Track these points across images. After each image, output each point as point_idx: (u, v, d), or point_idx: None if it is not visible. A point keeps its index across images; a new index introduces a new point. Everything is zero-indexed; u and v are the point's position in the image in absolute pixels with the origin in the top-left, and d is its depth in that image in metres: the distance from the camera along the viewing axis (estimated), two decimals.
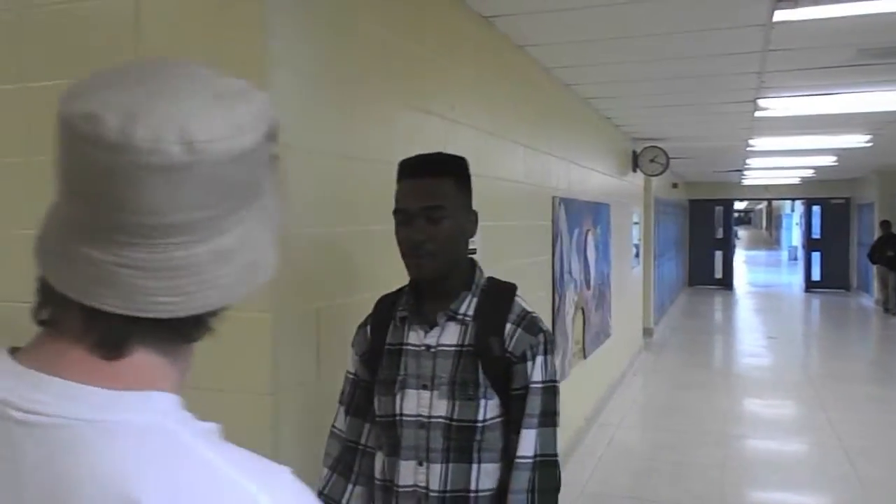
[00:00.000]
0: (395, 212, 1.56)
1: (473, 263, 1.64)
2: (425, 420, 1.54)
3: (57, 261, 0.60)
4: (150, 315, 0.59)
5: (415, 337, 1.58)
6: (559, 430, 1.59)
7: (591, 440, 5.53)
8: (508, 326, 1.54)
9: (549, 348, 1.56)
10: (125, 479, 0.54)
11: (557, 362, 4.81)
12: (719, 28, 3.55)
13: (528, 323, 1.56)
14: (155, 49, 1.86)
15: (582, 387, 5.49)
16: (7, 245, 2.06)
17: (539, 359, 1.54)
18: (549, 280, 4.51)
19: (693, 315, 13.37)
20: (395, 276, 2.48)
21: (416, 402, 1.55)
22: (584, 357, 5.48)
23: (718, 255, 17.50)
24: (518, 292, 1.63)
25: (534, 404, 1.52)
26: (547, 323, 4.41)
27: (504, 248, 3.58)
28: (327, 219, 2.03)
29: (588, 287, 5.54)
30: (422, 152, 1.66)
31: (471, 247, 3.13)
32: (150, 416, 0.59)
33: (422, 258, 1.52)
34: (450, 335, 1.55)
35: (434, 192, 1.52)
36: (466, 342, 1.54)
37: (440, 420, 1.53)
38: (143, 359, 0.61)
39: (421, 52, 2.64)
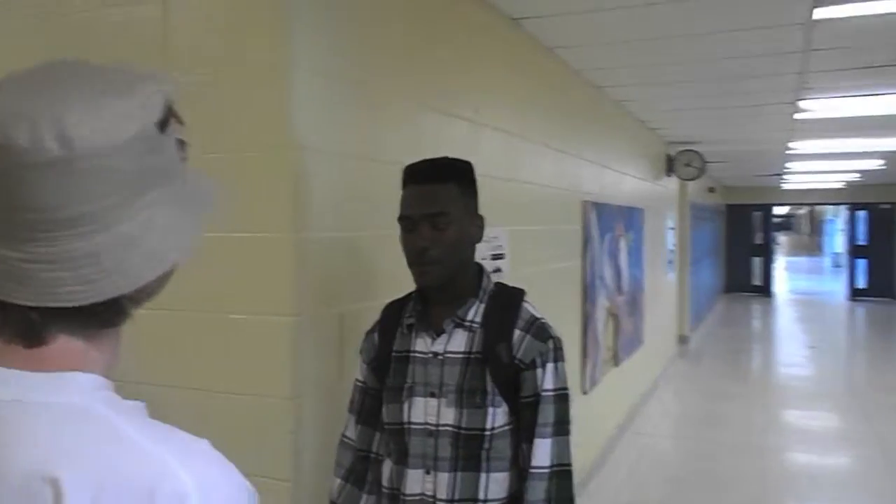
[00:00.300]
0: (400, 219, 1.55)
1: (481, 269, 1.62)
2: (433, 428, 1.52)
3: None
4: (61, 304, 0.61)
5: (422, 344, 1.57)
6: (572, 439, 1.55)
7: (624, 449, 5.43)
8: (517, 333, 1.52)
9: (559, 355, 1.54)
10: (46, 458, 0.57)
11: (588, 370, 4.72)
12: (757, 27, 3.46)
13: (537, 329, 1.53)
14: (182, 54, 1.86)
15: (614, 395, 5.40)
16: None
17: (549, 366, 1.51)
18: (579, 286, 4.44)
19: (730, 323, 13.11)
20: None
21: (424, 410, 1.54)
22: (616, 364, 5.39)
23: (757, 261, 17.16)
24: (526, 297, 1.60)
25: (547, 413, 1.49)
26: (577, 330, 4.40)
27: (532, 253, 3.53)
28: (350, 222, 2.01)
29: (620, 293, 5.45)
30: (446, 155, 1.64)
31: (498, 252, 3.13)
32: (71, 396, 0.62)
33: (426, 265, 1.50)
34: (457, 342, 1.54)
35: (437, 198, 1.51)
36: (474, 349, 1.52)
37: (448, 428, 1.51)
38: (65, 344, 0.64)
39: (446, 53, 2.62)
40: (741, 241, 17.04)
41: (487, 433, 1.49)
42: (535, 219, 3.61)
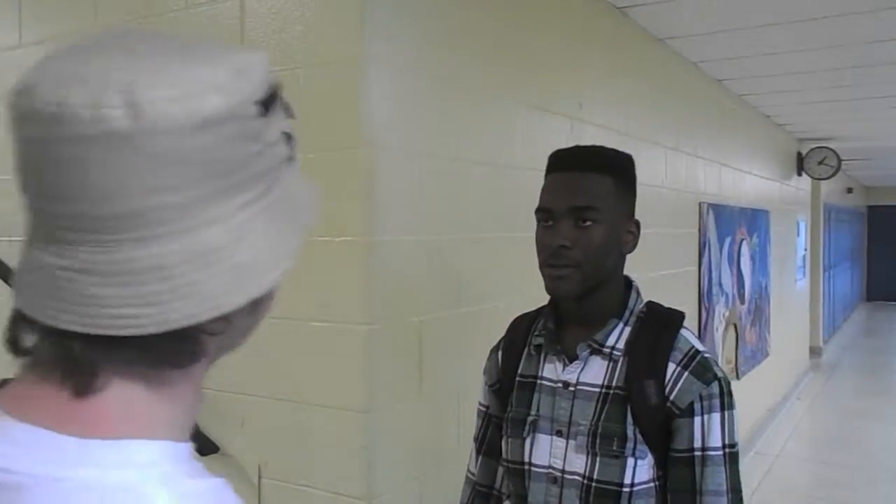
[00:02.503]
0: (538, 210, 1.28)
1: (630, 284, 1.33)
2: (558, 474, 1.25)
3: (19, 275, 0.50)
4: (114, 332, 0.46)
5: (551, 370, 1.30)
6: None
7: (747, 470, 5.02)
8: (671, 367, 1.22)
9: (728, 401, 1.22)
10: None
11: None
12: None
13: (699, 365, 1.21)
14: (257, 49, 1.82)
15: (737, 429, 5.02)
16: None
17: (716, 416, 1.19)
18: (695, 293, 4.14)
19: (871, 333, 12.06)
20: (509, 289, 2.33)
21: (549, 451, 1.27)
22: (738, 377, 5.01)
23: None
24: (685, 323, 1.29)
25: (717, 478, 1.18)
26: None
27: (643, 259, 3.29)
28: (432, 226, 1.90)
29: (742, 301, 5.07)
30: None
31: None
32: (123, 474, 0.47)
33: (563, 268, 1.23)
34: (593, 372, 1.26)
35: (587, 190, 1.24)
36: (614, 383, 1.24)
37: (576, 478, 1.23)
38: (121, 393, 0.49)
39: (543, 45, 2.46)
40: (885, 244, 15.78)
41: (626, 490, 1.20)
42: (645, 221, 3.35)
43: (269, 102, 0.51)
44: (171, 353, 0.50)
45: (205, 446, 1.86)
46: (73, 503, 0.46)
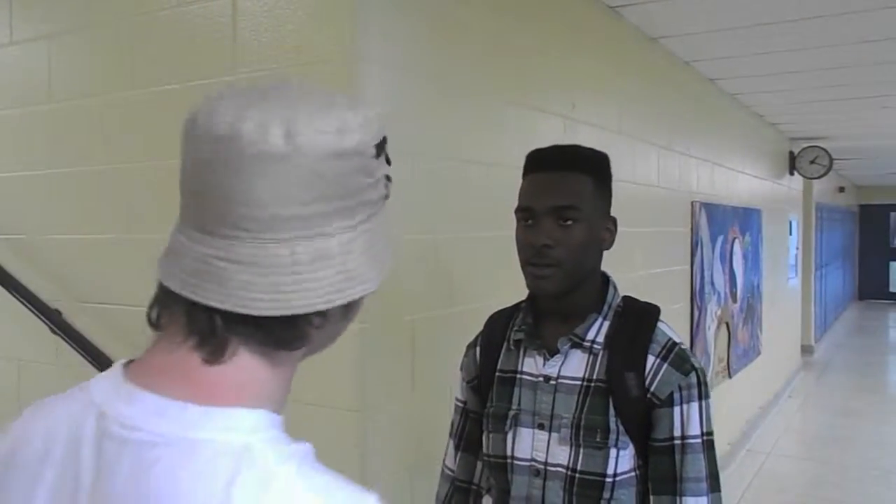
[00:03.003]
0: (518, 210, 1.29)
1: (607, 280, 1.36)
2: (540, 467, 1.27)
3: (167, 257, 0.63)
4: (248, 311, 0.59)
5: (531, 364, 1.32)
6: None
7: (738, 468, 5.06)
8: (650, 359, 1.25)
9: (704, 391, 1.25)
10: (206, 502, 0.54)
11: None
12: (891, 6, 3.09)
13: (677, 357, 1.25)
14: (250, 48, 1.82)
15: (727, 409, 5.04)
16: (127, 248, 2.11)
17: (694, 405, 1.23)
18: (687, 292, 4.16)
19: (862, 332, 12.12)
20: (502, 287, 2.32)
21: (531, 445, 1.29)
22: (730, 376, 5.03)
23: (895, 266, 15.84)
24: (661, 317, 1.33)
25: (697, 465, 1.22)
26: (686, 339, 4.12)
27: (633, 257, 3.31)
28: (424, 225, 1.90)
29: (734, 300, 5.09)
30: (583, 147, 1.41)
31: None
32: (236, 436, 0.57)
33: (545, 267, 1.24)
34: (574, 366, 1.28)
35: (568, 189, 1.26)
36: (595, 376, 1.26)
37: (559, 469, 1.25)
38: (242, 364, 0.61)
39: (536, 45, 2.46)
40: (876, 244, 15.83)
41: (609, 480, 1.22)
42: (637, 220, 3.38)
43: (381, 147, 0.65)
44: (286, 335, 0.61)
45: None
46: (194, 459, 0.56)
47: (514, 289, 2.33)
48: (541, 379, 1.30)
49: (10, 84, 2.35)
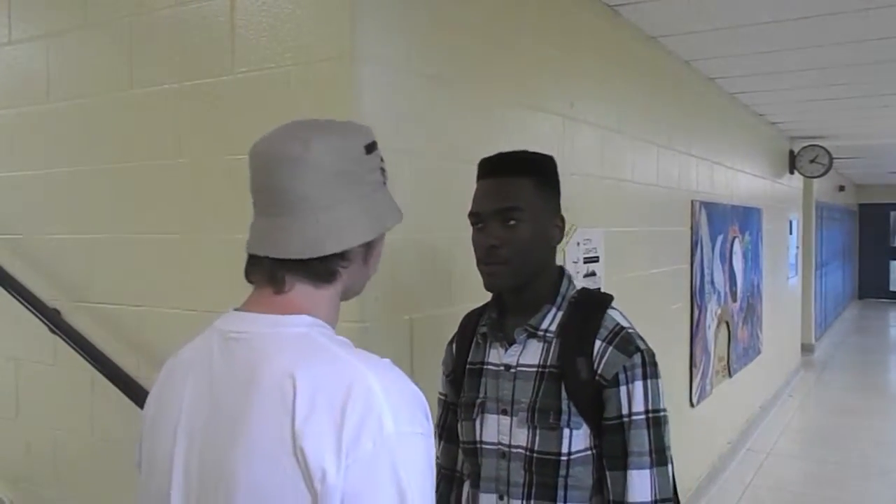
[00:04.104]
0: (470, 215, 1.41)
1: (562, 273, 1.45)
2: (505, 449, 1.38)
3: (250, 237, 0.98)
4: (291, 256, 0.94)
5: (495, 355, 1.43)
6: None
7: (738, 467, 5.05)
8: (598, 344, 1.33)
9: (650, 371, 1.33)
10: (287, 364, 0.87)
11: (697, 380, 4.40)
12: (891, 5, 3.08)
13: (622, 340, 1.34)
14: (249, 47, 1.82)
15: (727, 408, 5.04)
16: (126, 248, 2.10)
17: (638, 384, 1.32)
18: (686, 291, 4.15)
19: (862, 331, 12.12)
20: None
21: (496, 429, 1.39)
22: (730, 375, 5.03)
23: (895, 265, 15.84)
24: (614, 304, 1.42)
25: (640, 440, 1.30)
26: (685, 338, 4.12)
27: (633, 257, 3.31)
28: (423, 224, 1.90)
29: (734, 299, 5.08)
30: (539, 151, 1.48)
31: (592, 255, 2.94)
32: (303, 328, 0.93)
33: (494, 265, 1.35)
34: (530, 354, 1.38)
35: (508, 192, 1.36)
36: (549, 362, 1.36)
37: (520, 450, 1.36)
38: (300, 292, 0.96)
39: (534, 44, 2.46)
40: (877, 243, 15.82)
41: (564, 458, 1.32)
42: (636, 220, 3.38)
43: (370, 148, 1.01)
44: (321, 271, 0.96)
45: None
46: (277, 341, 0.91)
47: None
48: (502, 368, 1.41)
49: (9, 84, 2.35)
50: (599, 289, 2.34)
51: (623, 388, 1.31)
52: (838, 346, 10.21)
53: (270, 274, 0.95)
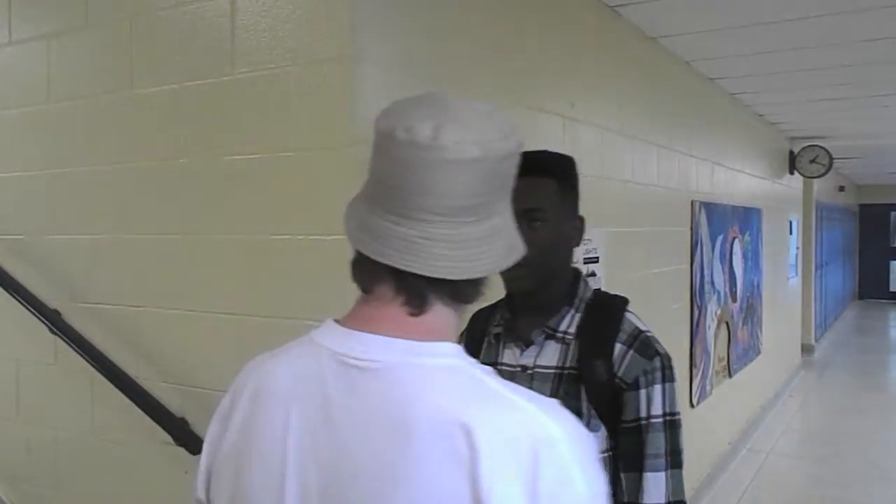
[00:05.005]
0: None
1: (578, 275, 1.45)
2: None
3: (372, 239, 0.79)
4: (446, 276, 0.77)
5: (510, 356, 1.42)
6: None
7: (739, 467, 5.05)
8: (618, 347, 1.34)
9: (668, 374, 1.34)
10: (450, 407, 0.73)
11: (697, 381, 4.40)
12: (891, 6, 3.09)
13: (642, 344, 1.34)
14: (249, 47, 1.82)
15: (727, 408, 5.04)
16: (126, 248, 2.10)
17: (657, 388, 1.32)
18: (686, 291, 4.15)
19: (862, 331, 12.11)
20: (499, 286, 2.31)
21: None
22: (730, 376, 5.03)
23: (895, 265, 15.82)
24: (630, 307, 1.42)
25: (657, 442, 1.30)
26: (684, 339, 4.12)
27: (633, 257, 3.31)
28: None
29: (734, 299, 5.08)
30: (548, 151, 1.47)
31: (592, 255, 2.94)
32: (451, 360, 0.78)
33: (517, 267, 1.32)
34: (548, 355, 1.37)
35: (532, 192, 1.32)
36: (567, 364, 1.36)
37: None
38: (438, 313, 0.80)
39: (534, 44, 2.46)
40: (876, 243, 15.81)
41: None
42: (637, 220, 3.38)
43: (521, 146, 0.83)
44: (469, 292, 0.82)
45: (195, 445, 1.85)
46: (430, 375, 0.76)
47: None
48: (518, 369, 1.38)
49: (9, 84, 2.35)
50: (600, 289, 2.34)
51: (643, 392, 1.31)
52: (838, 347, 10.20)
53: (409, 292, 0.78)
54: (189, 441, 1.90)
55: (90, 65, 2.16)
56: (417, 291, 0.78)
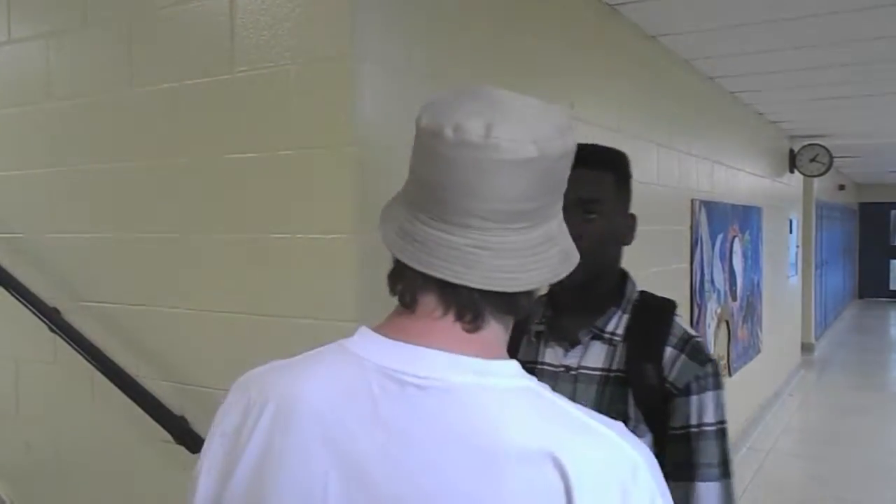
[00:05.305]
0: None
1: (625, 275, 1.40)
2: None
3: (415, 247, 0.71)
4: (499, 289, 0.70)
5: (552, 356, 1.36)
6: None
7: (738, 466, 5.02)
8: (668, 351, 1.29)
9: (719, 381, 1.30)
10: (539, 436, 0.65)
11: None
12: (891, 4, 3.08)
13: (693, 349, 1.30)
14: (248, 46, 1.81)
15: (726, 407, 5.03)
16: (126, 247, 2.11)
17: (710, 395, 1.27)
18: (686, 290, 4.15)
19: (862, 330, 12.11)
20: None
21: None
22: (730, 374, 5.03)
23: (895, 264, 15.83)
24: (679, 311, 1.38)
25: (710, 451, 1.26)
26: None
27: (634, 256, 3.30)
28: None
29: (734, 298, 5.08)
30: (605, 146, 1.45)
31: None
32: (521, 381, 0.70)
33: None
34: (594, 357, 1.32)
35: (592, 184, 1.29)
36: (615, 367, 1.31)
37: None
38: (494, 329, 0.73)
39: (533, 43, 2.46)
40: (876, 242, 15.81)
41: None
42: (637, 219, 3.37)
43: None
44: (524, 304, 0.74)
45: (195, 444, 1.85)
46: (497, 397, 0.68)
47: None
48: (562, 369, 1.34)
49: (9, 83, 2.35)
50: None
51: (694, 398, 1.27)
52: (838, 346, 10.21)
53: (463, 306, 0.70)
54: (188, 439, 1.90)
55: (89, 63, 2.16)
56: (472, 306, 0.70)
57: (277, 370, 0.76)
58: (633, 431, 1.20)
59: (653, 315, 1.34)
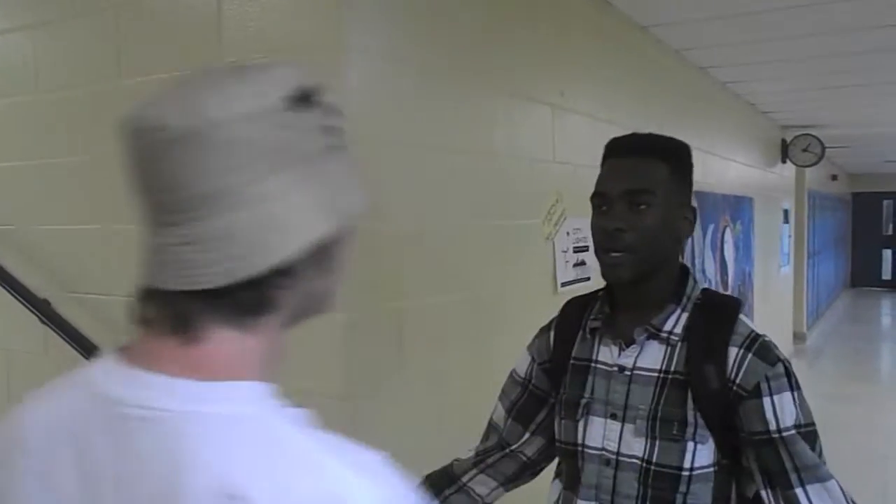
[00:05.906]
0: (593, 196, 1.28)
1: (686, 271, 1.32)
2: (611, 457, 1.25)
3: (143, 254, 0.64)
4: (200, 287, 0.60)
5: (606, 354, 1.30)
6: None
7: None
8: (733, 351, 1.20)
9: (795, 382, 1.22)
10: (229, 474, 0.56)
11: None
12: None
13: (761, 347, 1.21)
14: (236, 39, 1.81)
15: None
16: (115, 238, 2.11)
17: (787, 395, 1.19)
18: None
19: (854, 320, 12.18)
20: (489, 277, 2.33)
21: (602, 434, 1.27)
22: None
23: (887, 253, 15.95)
24: (744, 310, 1.30)
25: (805, 454, 1.19)
26: None
27: None
28: (413, 214, 1.90)
29: (725, 288, 5.11)
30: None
31: (581, 244, 2.95)
32: (244, 407, 0.60)
33: (618, 252, 1.22)
34: (650, 357, 1.25)
35: (642, 174, 1.24)
36: (673, 368, 1.23)
37: (633, 461, 1.23)
38: (220, 342, 0.62)
39: (524, 33, 2.46)
40: (869, 231, 15.88)
41: (685, 473, 1.19)
42: None
43: (299, 101, 0.63)
44: (249, 302, 0.62)
45: None
46: (205, 429, 0.58)
47: (501, 279, 2.33)
48: (615, 369, 1.28)
49: None
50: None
51: (767, 400, 1.18)
52: (831, 335, 10.26)
53: (175, 314, 0.61)
54: None
55: (77, 55, 2.15)
56: (182, 312, 0.61)
57: (29, 400, 0.69)
58: (693, 436, 1.19)
59: (715, 313, 1.26)
